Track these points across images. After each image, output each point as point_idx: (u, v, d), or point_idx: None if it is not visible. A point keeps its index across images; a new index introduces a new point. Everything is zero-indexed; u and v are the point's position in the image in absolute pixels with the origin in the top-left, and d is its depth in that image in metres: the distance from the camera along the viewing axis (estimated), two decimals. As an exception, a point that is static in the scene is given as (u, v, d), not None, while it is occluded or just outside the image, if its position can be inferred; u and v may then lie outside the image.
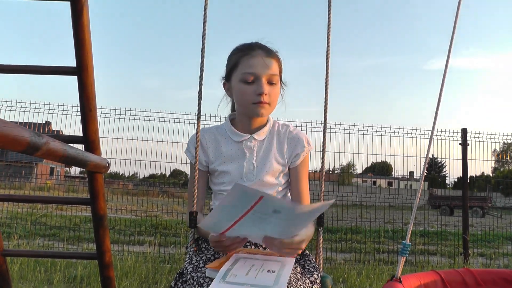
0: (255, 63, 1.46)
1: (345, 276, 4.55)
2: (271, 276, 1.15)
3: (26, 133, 0.53)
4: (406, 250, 1.40)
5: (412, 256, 6.24)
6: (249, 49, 1.49)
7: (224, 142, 1.59)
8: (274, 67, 1.49)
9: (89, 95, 0.81)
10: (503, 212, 11.31)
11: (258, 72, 1.46)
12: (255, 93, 1.46)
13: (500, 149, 7.87)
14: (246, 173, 1.55)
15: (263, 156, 1.57)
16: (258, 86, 1.45)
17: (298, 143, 1.58)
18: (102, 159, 0.86)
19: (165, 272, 4.36)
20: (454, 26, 1.48)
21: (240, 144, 1.57)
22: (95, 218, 0.99)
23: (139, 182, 9.66)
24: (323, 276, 1.47)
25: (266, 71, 1.46)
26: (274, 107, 1.54)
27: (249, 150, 1.56)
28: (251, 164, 1.55)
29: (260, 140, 1.58)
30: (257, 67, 1.46)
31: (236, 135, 1.57)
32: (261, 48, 1.50)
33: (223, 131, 1.62)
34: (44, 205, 8.92)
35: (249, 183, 1.54)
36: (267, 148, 1.58)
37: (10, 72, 0.80)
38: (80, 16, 0.72)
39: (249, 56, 1.47)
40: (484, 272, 1.52)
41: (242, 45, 1.55)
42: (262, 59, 1.47)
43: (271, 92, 1.48)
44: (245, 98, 1.48)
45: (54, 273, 4.05)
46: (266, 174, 1.55)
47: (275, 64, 1.50)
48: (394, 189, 11.00)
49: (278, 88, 1.52)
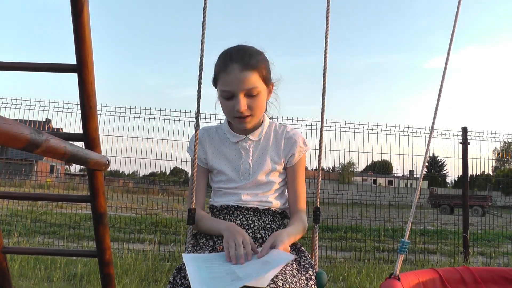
0: (230, 80, 1.45)
1: (345, 275, 4.56)
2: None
3: (26, 130, 0.53)
4: (405, 248, 1.40)
5: (412, 254, 6.25)
6: (225, 65, 1.47)
7: (223, 142, 1.65)
8: (251, 80, 1.46)
9: (89, 93, 0.81)
10: (504, 211, 11.31)
11: (234, 90, 1.46)
12: (234, 109, 1.48)
13: (501, 148, 7.86)
14: (242, 172, 1.60)
15: (259, 155, 1.61)
16: (236, 102, 1.46)
17: (295, 143, 1.62)
18: (102, 157, 0.86)
19: (165, 270, 4.37)
20: (454, 25, 1.49)
21: (237, 144, 1.62)
22: (95, 216, 0.99)
23: (139, 180, 9.66)
24: (318, 272, 1.48)
25: (242, 87, 1.45)
26: (259, 115, 1.57)
27: (245, 150, 1.61)
28: (247, 164, 1.60)
29: (256, 140, 1.62)
30: (233, 85, 1.45)
31: (232, 136, 1.63)
32: (237, 61, 1.46)
33: (222, 131, 1.67)
34: (44, 202, 8.94)
35: (245, 182, 1.58)
36: (263, 148, 1.62)
37: (9, 69, 0.80)
38: (80, 14, 0.72)
39: (225, 73, 1.46)
40: (483, 270, 1.52)
41: (221, 57, 1.52)
42: (237, 76, 1.44)
43: (252, 104, 1.48)
44: (226, 112, 1.53)
45: (54, 270, 4.06)
46: (262, 173, 1.58)
47: (253, 76, 1.46)
48: (394, 188, 11.00)
49: (261, 97, 1.51)
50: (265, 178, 1.59)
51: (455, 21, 1.49)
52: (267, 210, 1.57)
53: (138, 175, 8.54)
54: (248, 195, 1.57)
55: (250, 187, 1.58)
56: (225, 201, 1.59)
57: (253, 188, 1.58)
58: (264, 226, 1.54)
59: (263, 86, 1.51)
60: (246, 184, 1.58)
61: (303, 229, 1.53)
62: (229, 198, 1.59)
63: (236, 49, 1.51)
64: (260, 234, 1.52)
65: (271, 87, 1.60)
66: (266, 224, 1.55)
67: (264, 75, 1.51)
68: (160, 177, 16.55)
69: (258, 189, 1.58)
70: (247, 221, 1.54)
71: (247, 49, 1.51)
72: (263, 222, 1.55)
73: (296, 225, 1.50)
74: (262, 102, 1.53)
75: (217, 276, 1.18)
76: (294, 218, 1.57)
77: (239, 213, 1.56)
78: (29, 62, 0.79)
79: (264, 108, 1.58)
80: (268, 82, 1.56)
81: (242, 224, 1.53)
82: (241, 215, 1.55)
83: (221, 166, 1.62)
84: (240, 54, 1.48)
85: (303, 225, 1.54)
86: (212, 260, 1.30)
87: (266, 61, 1.56)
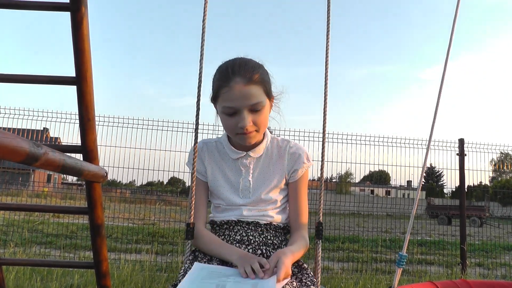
0: (233, 96, 1.38)
1: (342, 286, 4.53)
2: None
3: (25, 143, 0.53)
4: (403, 261, 1.40)
5: (409, 265, 6.23)
6: (227, 80, 1.39)
7: (222, 158, 1.60)
8: (255, 95, 1.40)
9: (88, 105, 0.81)
10: (501, 221, 11.32)
11: (238, 106, 1.39)
12: (238, 126, 1.41)
13: (498, 159, 7.87)
14: (242, 190, 1.55)
15: (260, 173, 1.57)
16: (240, 119, 1.40)
17: (298, 159, 1.57)
18: (100, 169, 0.86)
19: (162, 281, 4.34)
20: (451, 38, 1.50)
21: (237, 161, 1.57)
22: (92, 227, 0.99)
23: (137, 189, 9.64)
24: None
25: (246, 103, 1.39)
26: (263, 130, 1.51)
27: (245, 167, 1.56)
28: (247, 181, 1.55)
29: (256, 157, 1.57)
30: (237, 101, 1.38)
31: (232, 152, 1.57)
32: (239, 75, 1.39)
33: (221, 146, 1.61)
34: (41, 212, 8.88)
35: (245, 200, 1.54)
36: (265, 165, 1.57)
37: (10, 81, 0.80)
38: (80, 27, 0.73)
39: (227, 88, 1.39)
40: (481, 284, 1.52)
41: (221, 71, 1.45)
42: (240, 91, 1.37)
43: (256, 120, 1.42)
44: (229, 129, 1.46)
45: (51, 281, 4.02)
46: (263, 191, 1.54)
47: (256, 90, 1.40)
48: (392, 198, 10.97)
49: (265, 112, 1.45)
50: (267, 196, 1.54)
51: (452, 31, 1.50)
52: (268, 224, 1.52)
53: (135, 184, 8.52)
54: (249, 210, 1.53)
55: (251, 205, 1.53)
56: (225, 217, 1.54)
57: (254, 205, 1.54)
58: (265, 242, 1.50)
59: (266, 100, 1.45)
60: (246, 202, 1.53)
61: (305, 247, 1.48)
62: (230, 213, 1.54)
63: (237, 62, 1.44)
64: (261, 250, 1.47)
65: (272, 101, 1.54)
66: (268, 239, 1.51)
67: (267, 88, 1.46)
68: (157, 187, 16.49)
69: (259, 206, 1.53)
70: (247, 236, 1.49)
71: (248, 62, 1.45)
72: (265, 237, 1.51)
73: (298, 244, 1.45)
74: (266, 117, 1.47)
75: (205, 286, 1.18)
76: (295, 236, 1.52)
77: (239, 228, 1.51)
78: (29, 75, 0.79)
79: (267, 122, 1.51)
80: (270, 95, 1.51)
81: (242, 239, 1.49)
82: (241, 230, 1.51)
83: (220, 182, 1.57)
84: (242, 67, 1.41)
85: (305, 243, 1.48)
86: (217, 273, 1.29)
87: (268, 74, 1.50)
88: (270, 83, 1.51)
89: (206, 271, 1.29)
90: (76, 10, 0.71)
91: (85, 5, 0.73)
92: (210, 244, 1.48)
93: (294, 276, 1.41)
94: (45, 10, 0.75)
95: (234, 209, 1.54)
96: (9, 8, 0.75)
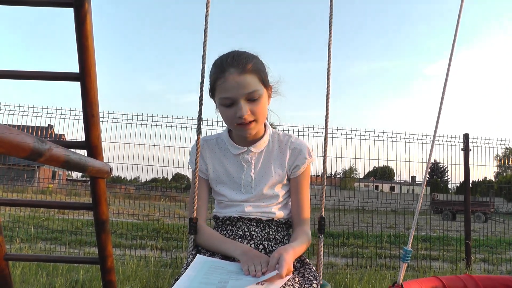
0: (229, 86, 1.40)
1: (347, 282, 4.53)
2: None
3: (30, 139, 0.54)
4: (408, 256, 1.40)
5: (414, 261, 6.22)
6: (222, 71, 1.42)
7: (223, 154, 1.60)
8: (251, 83, 1.41)
9: (92, 101, 0.81)
10: (506, 217, 11.27)
11: (234, 96, 1.40)
12: (236, 116, 1.42)
13: (503, 154, 7.84)
14: (244, 185, 1.56)
15: (262, 168, 1.57)
16: (237, 109, 1.41)
17: (300, 154, 1.57)
18: (104, 165, 0.87)
19: (166, 276, 4.35)
20: (455, 33, 1.49)
21: (238, 157, 1.58)
22: (97, 223, 0.99)
23: (141, 186, 9.67)
24: (322, 284, 1.46)
25: (242, 92, 1.40)
26: (263, 121, 1.51)
27: (247, 163, 1.57)
28: (249, 177, 1.56)
29: (258, 152, 1.57)
30: (232, 91, 1.40)
31: (233, 147, 1.58)
32: (233, 66, 1.41)
33: (222, 142, 1.62)
34: (46, 208, 8.93)
35: (247, 195, 1.55)
36: (266, 160, 1.58)
37: (13, 78, 0.80)
38: (83, 23, 0.73)
39: (222, 79, 1.41)
40: (486, 279, 1.52)
41: (216, 64, 1.47)
42: (235, 80, 1.39)
43: (254, 109, 1.43)
44: (228, 120, 1.47)
45: (56, 277, 4.05)
46: (265, 186, 1.54)
47: (252, 79, 1.41)
48: (396, 194, 10.96)
49: (262, 101, 1.46)
50: (269, 191, 1.55)
51: (457, 26, 1.49)
52: (270, 220, 1.54)
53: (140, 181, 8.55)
54: (251, 206, 1.54)
55: (253, 200, 1.55)
56: (228, 213, 1.56)
57: (257, 200, 1.55)
58: (267, 237, 1.51)
59: (263, 89, 1.46)
60: (248, 197, 1.54)
61: (307, 243, 1.48)
62: (232, 209, 1.56)
63: (231, 54, 1.46)
64: (263, 245, 1.48)
65: (270, 91, 1.54)
66: (270, 235, 1.52)
67: (263, 77, 1.47)
68: (162, 183, 16.55)
69: (261, 202, 1.55)
70: (249, 232, 1.51)
71: (241, 53, 1.47)
72: (266, 233, 1.52)
73: (300, 240, 1.45)
74: (264, 106, 1.47)
75: (208, 282, 1.19)
76: (297, 231, 1.53)
77: (241, 223, 1.53)
78: (33, 71, 0.80)
79: (266, 113, 1.52)
80: (267, 85, 1.51)
81: (244, 234, 1.50)
82: (243, 225, 1.52)
83: (222, 178, 1.58)
84: (235, 58, 1.43)
85: (307, 238, 1.49)
86: (219, 268, 1.30)
87: (263, 64, 1.51)
88: (266, 72, 1.51)
89: (208, 265, 1.30)
90: (79, 6, 0.72)
91: (89, 1, 0.73)
92: (212, 240, 1.49)
93: (297, 271, 1.42)
94: (48, 6, 0.76)
95: (236, 205, 1.55)
96: (13, 4, 0.75)
